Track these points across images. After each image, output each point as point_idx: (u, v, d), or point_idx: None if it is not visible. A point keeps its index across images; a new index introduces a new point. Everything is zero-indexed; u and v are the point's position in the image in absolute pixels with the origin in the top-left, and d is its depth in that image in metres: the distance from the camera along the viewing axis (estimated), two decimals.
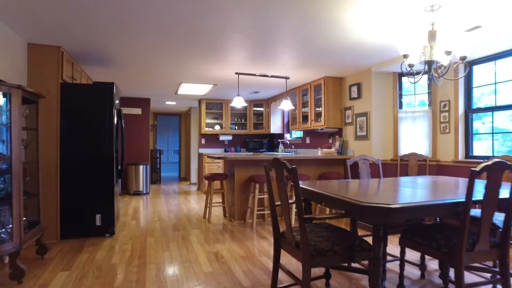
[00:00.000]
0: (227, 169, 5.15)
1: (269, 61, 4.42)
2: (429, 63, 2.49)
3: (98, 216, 3.82)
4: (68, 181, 3.72)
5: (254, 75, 5.11)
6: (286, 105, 5.28)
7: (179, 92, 6.80)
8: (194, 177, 9.09)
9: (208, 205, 4.73)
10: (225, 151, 8.22)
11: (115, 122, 4.08)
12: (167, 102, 8.35)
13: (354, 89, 5.13)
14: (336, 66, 4.73)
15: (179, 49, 3.87)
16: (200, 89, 6.50)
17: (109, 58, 4.23)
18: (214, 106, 7.97)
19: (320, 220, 2.47)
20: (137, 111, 7.53)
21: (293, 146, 7.18)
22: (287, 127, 7.75)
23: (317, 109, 5.73)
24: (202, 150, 8.09)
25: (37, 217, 3.00)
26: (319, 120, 5.67)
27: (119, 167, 4.26)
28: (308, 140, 6.61)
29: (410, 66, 2.70)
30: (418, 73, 2.77)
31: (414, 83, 2.96)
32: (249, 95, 7.27)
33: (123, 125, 4.32)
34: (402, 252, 2.29)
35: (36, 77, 3.57)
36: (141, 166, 7.16)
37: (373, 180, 2.76)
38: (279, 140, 7.81)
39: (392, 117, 4.77)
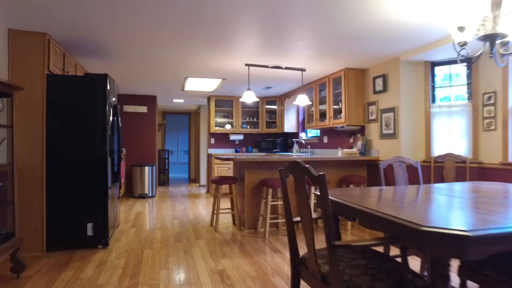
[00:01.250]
0: (236, 171, 4.65)
1: (283, 50, 3.90)
2: (492, 37, 1.93)
3: (89, 225, 3.38)
4: (56, 186, 3.29)
5: (267, 66, 4.60)
6: (302, 100, 4.74)
7: (186, 89, 6.34)
8: (203, 179, 8.64)
9: (215, 211, 4.24)
10: (236, 151, 7.73)
11: (110, 120, 3.64)
12: (174, 100, 7.93)
13: (379, 81, 4.55)
14: (358, 55, 4.16)
15: (181, 36, 3.39)
16: (208, 85, 6.03)
17: (104, 48, 3.79)
18: (224, 103, 7.49)
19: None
20: (142, 109, 7.13)
21: (309, 146, 6.63)
22: (302, 126, 7.20)
23: (335, 106, 5.17)
24: (211, 151, 7.62)
25: (12, 229, 2.56)
26: (338, 117, 5.11)
27: (115, 170, 3.81)
28: (325, 140, 6.05)
29: (462, 44, 2.14)
30: (466, 60, 2.20)
31: (466, 65, 2.38)
32: (261, 91, 6.76)
33: (120, 124, 3.88)
34: (463, 286, 1.73)
35: (18, 68, 3.15)
36: (146, 168, 6.74)
37: (416, 188, 2.20)
38: (293, 139, 7.27)
39: (424, 113, 4.17)
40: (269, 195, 3.90)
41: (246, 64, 4.52)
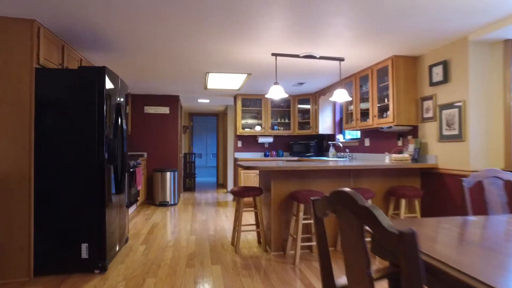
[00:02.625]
0: (262, 181, 3.96)
1: (316, 33, 3.16)
2: None
3: (84, 246, 2.84)
4: (46, 199, 2.80)
5: (297, 56, 3.88)
6: (340, 95, 3.96)
7: (209, 87, 5.77)
8: (230, 185, 8.05)
9: (236, 228, 3.59)
10: (265, 155, 7.04)
11: (113, 121, 3.11)
12: (199, 100, 7.41)
13: (438, 70, 3.67)
14: (411, 37, 3.32)
15: (189, 18, 2.77)
16: (232, 82, 5.41)
17: (105, 38, 3.27)
18: (252, 103, 6.84)
19: None
20: (164, 110, 6.66)
21: (347, 150, 5.79)
22: (339, 127, 6.36)
23: (380, 103, 4.33)
24: (238, 155, 7.00)
25: None
26: (384, 115, 4.27)
27: (119, 179, 3.27)
28: (367, 142, 5.20)
29: None
30: None
31: None
32: (293, 88, 6.03)
33: (124, 126, 3.34)
34: None
35: (2, 60, 2.69)
36: (168, 173, 6.25)
37: None
38: (329, 142, 6.46)
39: (503, 107, 3.23)
40: (300, 212, 3.18)
41: (273, 54, 3.82)
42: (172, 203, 6.28)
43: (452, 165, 3.47)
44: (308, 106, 6.74)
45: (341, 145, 5.96)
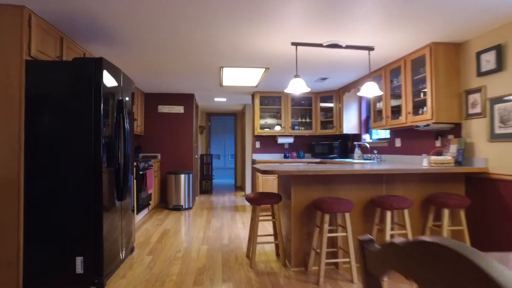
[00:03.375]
0: (280, 186, 3.54)
1: (342, 17, 2.71)
2: None
3: (79, 260, 2.52)
4: (37, 207, 2.50)
5: (320, 45, 3.43)
6: (370, 89, 3.48)
7: (224, 84, 5.41)
8: (249, 188, 7.66)
9: (252, 240, 3.18)
10: (285, 157, 6.59)
11: (114, 120, 2.79)
12: (215, 99, 7.07)
13: (488, 56, 3.12)
14: (454, 19, 2.81)
15: (196, 2, 2.40)
16: (249, 77, 5.02)
17: (106, 27, 2.95)
18: (271, 101, 6.42)
19: None
20: (179, 109, 6.34)
21: (375, 151, 5.26)
22: (365, 126, 5.84)
23: (414, 99, 3.81)
24: (256, 156, 6.59)
25: None
26: (420, 112, 3.74)
27: (121, 184, 2.94)
28: (398, 143, 4.67)
29: None
30: None
31: None
32: (314, 84, 5.56)
33: (127, 126, 3.01)
34: None
35: None
36: (182, 176, 5.93)
37: None
38: (354, 142, 5.94)
39: None
40: (325, 223, 2.73)
41: (293, 43, 3.39)
42: (186, 207, 5.96)
43: (508, 170, 2.92)
44: (331, 104, 6.25)
45: (368, 145, 5.44)
